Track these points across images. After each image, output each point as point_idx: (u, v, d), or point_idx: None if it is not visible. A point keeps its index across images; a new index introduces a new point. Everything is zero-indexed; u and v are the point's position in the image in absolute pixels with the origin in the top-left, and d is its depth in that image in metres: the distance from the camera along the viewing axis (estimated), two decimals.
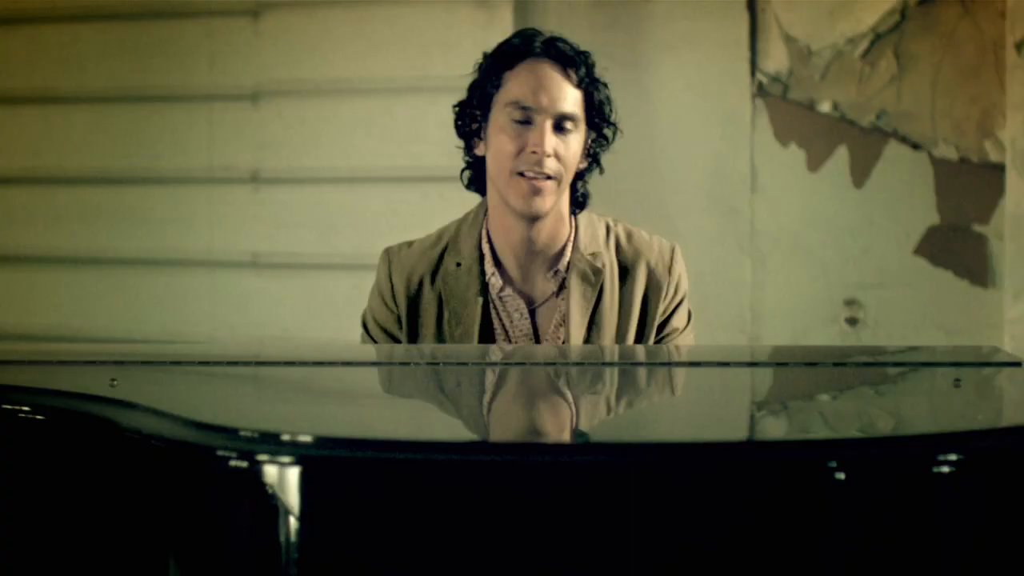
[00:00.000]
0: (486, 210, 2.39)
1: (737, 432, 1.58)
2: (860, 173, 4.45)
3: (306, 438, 1.36)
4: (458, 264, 2.36)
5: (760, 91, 4.46)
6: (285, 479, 1.33)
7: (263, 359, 2.08)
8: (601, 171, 2.41)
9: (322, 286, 4.59)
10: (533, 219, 2.32)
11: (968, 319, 4.37)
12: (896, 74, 4.40)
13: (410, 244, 2.43)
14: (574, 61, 2.31)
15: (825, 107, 4.45)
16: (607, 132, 2.37)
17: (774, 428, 1.59)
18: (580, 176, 2.38)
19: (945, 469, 1.32)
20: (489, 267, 2.36)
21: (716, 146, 4.44)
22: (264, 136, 4.60)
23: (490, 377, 1.98)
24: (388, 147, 4.52)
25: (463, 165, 2.42)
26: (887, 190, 4.43)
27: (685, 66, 4.43)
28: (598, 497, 1.30)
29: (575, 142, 2.31)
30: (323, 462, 1.34)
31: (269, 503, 1.33)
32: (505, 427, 1.60)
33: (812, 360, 2.11)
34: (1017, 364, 1.88)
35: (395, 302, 2.38)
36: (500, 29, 4.44)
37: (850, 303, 4.46)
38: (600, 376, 2.00)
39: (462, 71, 4.41)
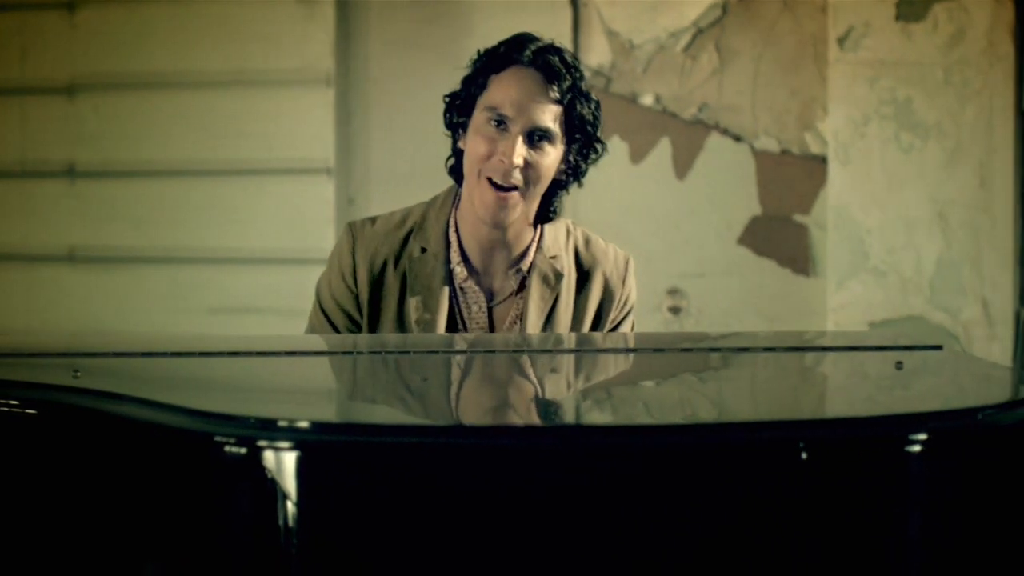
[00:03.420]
0: (455, 198, 2.36)
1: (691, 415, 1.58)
2: (683, 165, 4.50)
3: (304, 424, 1.36)
4: (423, 250, 2.32)
5: None
6: (284, 465, 1.32)
7: (209, 350, 2.03)
8: (580, 184, 2.36)
9: (139, 280, 4.57)
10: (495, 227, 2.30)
11: (791, 307, 4.44)
12: (718, 67, 4.46)
13: (373, 221, 2.37)
14: (559, 74, 2.25)
15: (647, 100, 4.50)
16: (592, 147, 2.33)
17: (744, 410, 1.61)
18: (559, 186, 2.34)
19: (916, 448, 1.34)
20: (455, 256, 2.33)
21: None
22: (80, 130, 4.58)
23: (479, 364, 1.97)
24: (207, 141, 4.51)
25: (449, 156, 2.38)
26: (709, 181, 4.48)
27: None
28: (599, 480, 1.32)
29: (550, 155, 2.26)
30: (320, 447, 1.34)
31: (268, 489, 1.32)
32: (504, 411, 1.59)
33: (744, 346, 2.13)
34: (938, 348, 1.93)
35: (355, 281, 2.33)
36: (321, 23, 4.45)
37: (673, 292, 4.51)
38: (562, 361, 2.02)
39: (282, 65, 4.46)
